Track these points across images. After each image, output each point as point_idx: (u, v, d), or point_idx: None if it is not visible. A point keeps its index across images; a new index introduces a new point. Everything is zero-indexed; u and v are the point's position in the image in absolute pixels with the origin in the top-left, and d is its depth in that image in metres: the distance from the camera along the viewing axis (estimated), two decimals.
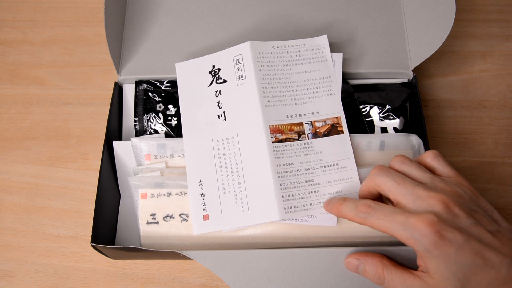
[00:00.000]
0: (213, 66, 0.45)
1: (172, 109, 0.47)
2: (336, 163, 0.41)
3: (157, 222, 0.42)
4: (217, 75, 0.44)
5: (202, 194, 0.41)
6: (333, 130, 0.43)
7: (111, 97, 0.47)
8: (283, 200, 0.39)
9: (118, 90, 0.48)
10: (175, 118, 0.47)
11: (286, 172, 0.40)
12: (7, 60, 0.56)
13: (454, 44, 0.56)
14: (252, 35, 0.49)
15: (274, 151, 0.41)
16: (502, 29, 0.56)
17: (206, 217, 0.40)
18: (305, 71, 0.45)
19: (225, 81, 0.44)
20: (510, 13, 0.57)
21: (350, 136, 0.43)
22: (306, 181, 0.40)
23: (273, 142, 0.41)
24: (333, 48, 0.48)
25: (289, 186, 0.40)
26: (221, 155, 0.42)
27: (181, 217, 0.42)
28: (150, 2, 0.51)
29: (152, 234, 0.42)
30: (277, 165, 0.40)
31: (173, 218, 0.42)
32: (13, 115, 0.53)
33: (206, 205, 0.41)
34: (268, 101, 0.43)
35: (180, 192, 0.42)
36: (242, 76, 0.43)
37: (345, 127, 0.43)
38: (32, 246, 0.47)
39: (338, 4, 0.51)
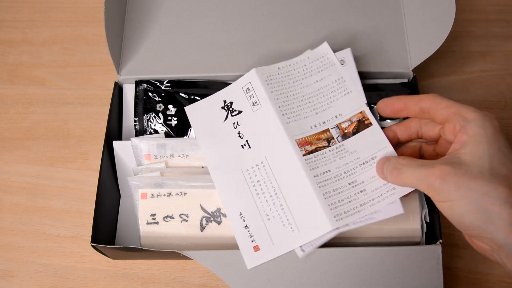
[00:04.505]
0: (225, 101, 0.44)
1: (172, 109, 0.47)
2: (375, 156, 0.39)
3: (157, 223, 0.42)
4: (230, 109, 0.44)
5: (246, 227, 0.40)
6: (361, 125, 0.41)
7: (111, 97, 0.47)
8: (331, 209, 0.37)
9: (118, 90, 0.48)
10: (175, 118, 0.47)
11: (325, 180, 0.39)
12: (7, 60, 0.56)
13: (454, 44, 0.56)
14: (252, 35, 0.49)
15: (307, 163, 0.39)
16: (502, 29, 0.56)
17: (256, 248, 0.39)
18: (316, 81, 0.44)
19: (240, 112, 0.43)
20: (510, 13, 0.57)
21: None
22: (349, 184, 0.39)
23: (304, 155, 0.40)
24: (333, 49, 0.48)
25: (332, 193, 0.38)
26: (254, 182, 0.41)
27: (181, 217, 0.42)
28: (150, 2, 0.51)
29: (152, 234, 0.42)
30: (314, 176, 0.39)
31: (173, 218, 0.42)
32: (13, 115, 0.53)
33: (253, 236, 0.39)
34: (288, 118, 0.41)
35: (180, 192, 0.42)
36: (256, 102, 0.43)
37: (372, 119, 0.41)
38: (32, 246, 0.47)
39: (338, 5, 0.51)
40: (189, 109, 0.46)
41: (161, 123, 0.46)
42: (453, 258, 0.45)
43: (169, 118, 0.47)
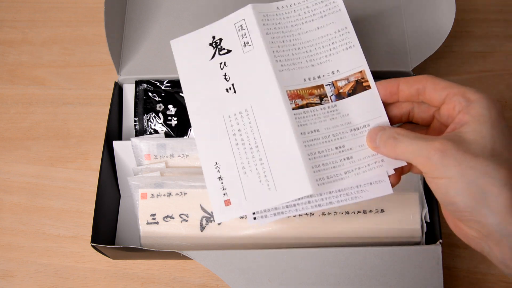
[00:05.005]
0: (213, 37, 0.40)
1: (172, 109, 0.47)
2: (367, 124, 0.36)
3: (157, 223, 0.42)
4: (219, 46, 0.40)
5: (220, 178, 0.36)
6: (359, 87, 0.37)
7: (111, 97, 0.47)
8: (314, 171, 0.34)
9: (118, 90, 0.48)
10: (175, 118, 0.47)
11: (312, 140, 0.35)
12: (7, 60, 0.56)
13: (454, 44, 0.56)
14: None
15: (296, 118, 0.36)
16: (502, 29, 0.56)
17: (227, 202, 0.36)
18: (318, 28, 0.40)
19: (229, 51, 0.39)
20: (510, 13, 0.57)
21: None
22: (336, 148, 0.36)
23: (293, 109, 0.36)
24: None
25: (317, 155, 0.35)
26: (235, 131, 0.37)
27: (181, 217, 0.42)
28: (150, 2, 0.51)
29: (152, 234, 0.42)
30: (301, 134, 0.35)
31: (173, 218, 0.42)
32: (13, 115, 0.53)
33: (226, 189, 0.36)
34: (282, 65, 0.38)
35: (180, 192, 0.42)
36: (248, 43, 0.39)
37: (371, 81, 0.37)
38: (32, 246, 0.47)
39: None
40: (174, 43, 0.42)
41: (161, 123, 0.46)
42: (453, 258, 0.45)
43: (169, 118, 0.47)
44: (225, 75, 0.39)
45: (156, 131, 0.46)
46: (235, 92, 0.38)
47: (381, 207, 0.41)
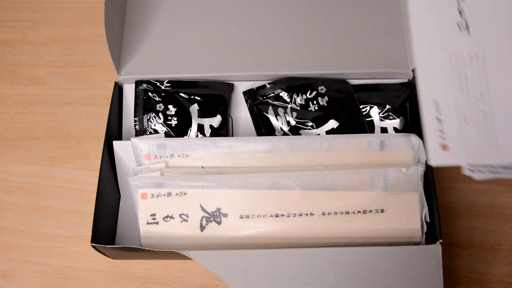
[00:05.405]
0: None
1: (172, 109, 0.47)
2: None
3: (157, 223, 0.42)
4: None
5: (438, 119, 0.34)
6: None
7: (111, 97, 0.47)
8: None
9: (118, 90, 0.48)
10: (175, 118, 0.47)
11: None
12: (7, 60, 0.56)
13: None
14: (252, 35, 0.49)
15: None
16: None
17: (444, 147, 0.34)
18: None
19: None
20: None
21: (348, 136, 0.43)
22: None
23: None
24: (333, 49, 0.48)
25: None
26: (461, 74, 0.34)
27: (181, 217, 0.42)
28: (150, 2, 0.51)
29: (152, 234, 0.42)
30: None
31: (173, 218, 0.42)
32: (13, 115, 0.53)
33: (443, 132, 0.34)
34: None
35: (180, 192, 0.42)
36: None
37: None
38: (32, 246, 0.47)
39: (338, 5, 0.51)
40: None
41: (161, 123, 0.46)
42: (453, 258, 0.45)
43: (169, 118, 0.47)
44: (458, 4, 0.34)
45: (156, 131, 0.46)
46: (468, 30, 0.34)
47: (381, 207, 0.41)
